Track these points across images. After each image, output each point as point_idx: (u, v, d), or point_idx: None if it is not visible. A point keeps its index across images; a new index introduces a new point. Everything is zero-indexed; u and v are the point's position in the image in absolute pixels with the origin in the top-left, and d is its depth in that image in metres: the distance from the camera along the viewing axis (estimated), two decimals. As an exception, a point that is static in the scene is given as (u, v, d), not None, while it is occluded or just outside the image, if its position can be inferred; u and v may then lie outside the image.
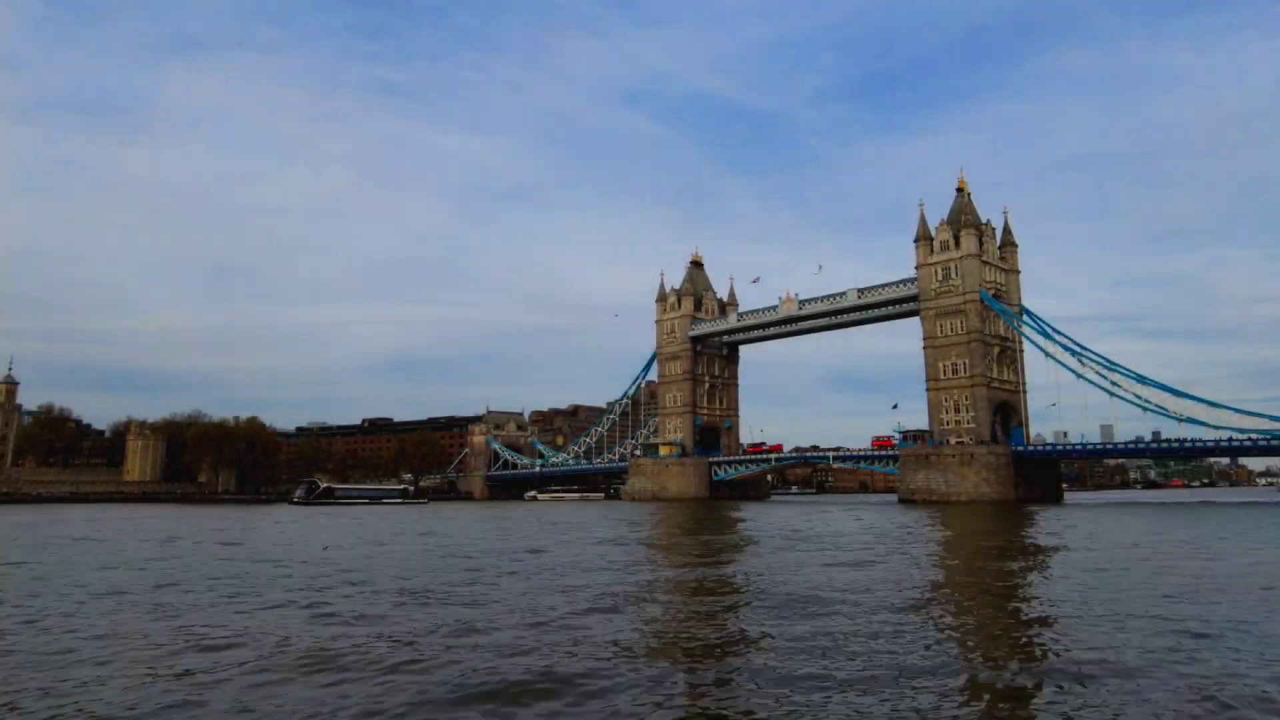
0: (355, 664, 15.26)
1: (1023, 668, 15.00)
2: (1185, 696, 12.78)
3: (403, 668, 14.98)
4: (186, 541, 50.91)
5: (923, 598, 23.76)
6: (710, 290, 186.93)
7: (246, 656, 15.98)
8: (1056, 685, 13.64)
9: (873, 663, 15.06)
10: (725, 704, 12.73)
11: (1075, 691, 13.17)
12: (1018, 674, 14.53)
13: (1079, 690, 13.23)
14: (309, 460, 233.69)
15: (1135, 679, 13.79)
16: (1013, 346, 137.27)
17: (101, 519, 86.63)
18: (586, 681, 13.81)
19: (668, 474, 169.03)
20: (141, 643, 17.51)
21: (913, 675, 14.11)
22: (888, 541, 46.69)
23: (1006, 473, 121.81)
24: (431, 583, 28.14)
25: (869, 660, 15.29)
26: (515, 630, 18.65)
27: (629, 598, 24.13)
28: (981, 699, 12.98)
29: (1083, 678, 13.90)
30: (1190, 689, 13.16)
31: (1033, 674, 14.54)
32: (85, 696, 13.10)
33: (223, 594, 25.43)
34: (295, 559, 38.15)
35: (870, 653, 15.89)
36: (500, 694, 13.21)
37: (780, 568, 32.36)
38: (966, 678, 14.27)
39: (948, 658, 15.76)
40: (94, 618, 20.80)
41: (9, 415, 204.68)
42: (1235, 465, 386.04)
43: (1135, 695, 12.87)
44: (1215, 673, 14.28)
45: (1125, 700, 12.63)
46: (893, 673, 14.27)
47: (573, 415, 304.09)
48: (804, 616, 20.07)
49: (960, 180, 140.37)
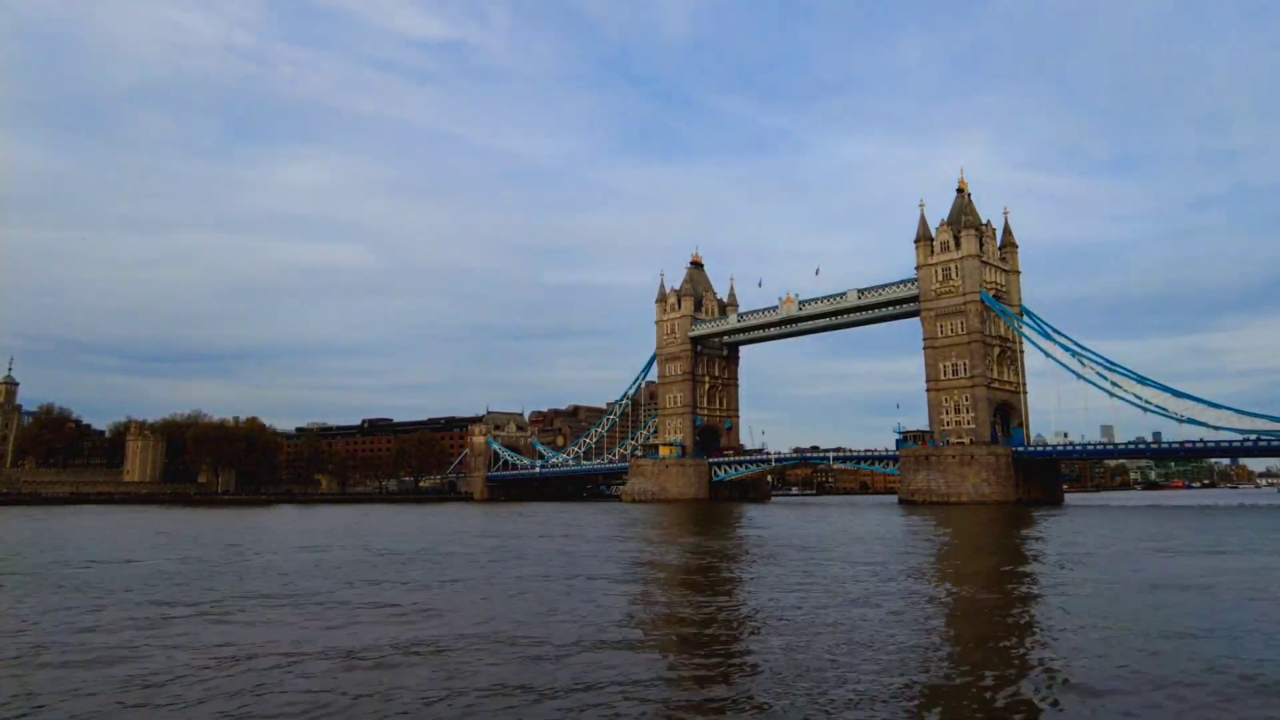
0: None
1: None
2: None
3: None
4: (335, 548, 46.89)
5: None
6: (710, 291, 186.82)
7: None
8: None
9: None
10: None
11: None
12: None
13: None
14: (309, 460, 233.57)
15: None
16: (1013, 347, 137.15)
17: (126, 522, 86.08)
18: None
19: (667, 475, 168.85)
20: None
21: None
22: (895, 555, 46.45)
23: (1006, 473, 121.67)
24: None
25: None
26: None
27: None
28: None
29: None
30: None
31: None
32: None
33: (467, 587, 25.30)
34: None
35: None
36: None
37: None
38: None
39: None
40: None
41: (9, 415, 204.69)
42: (1236, 466, 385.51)
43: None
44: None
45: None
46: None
47: (573, 416, 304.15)
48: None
49: (960, 181, 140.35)
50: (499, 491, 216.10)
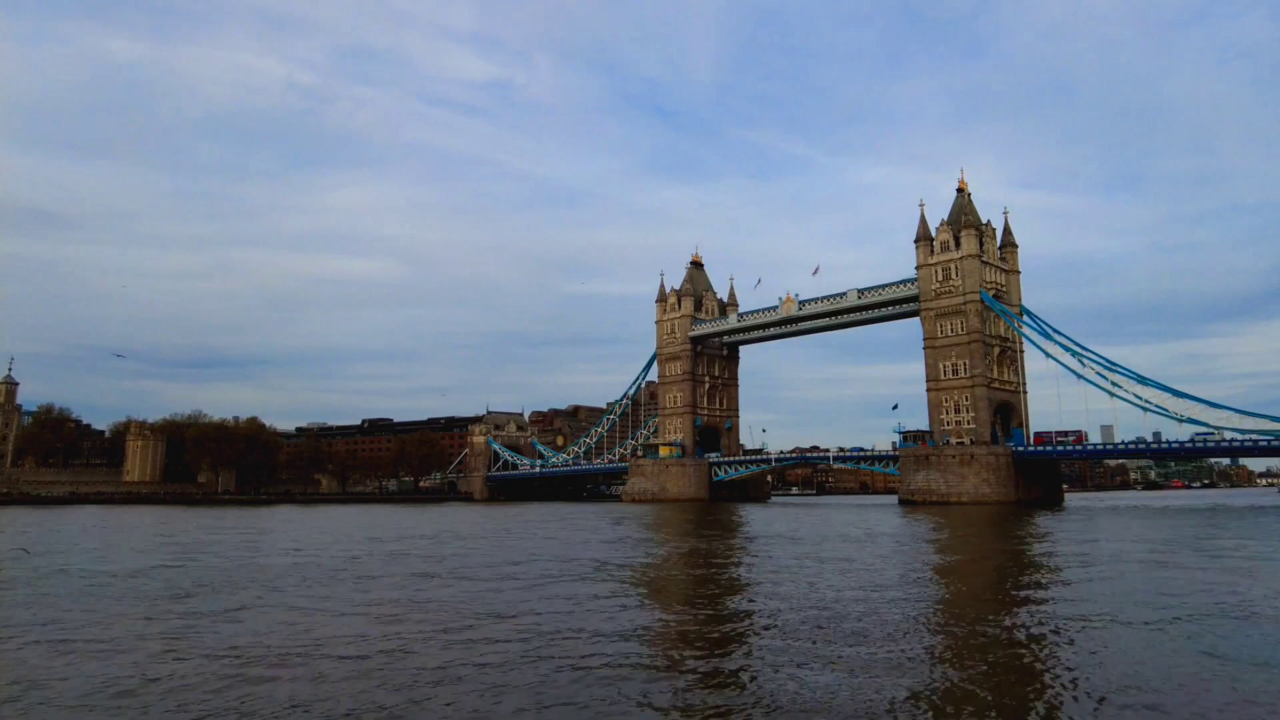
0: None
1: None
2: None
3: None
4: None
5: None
6: (710, 290, 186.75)
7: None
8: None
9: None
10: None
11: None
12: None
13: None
14: (309, 460, 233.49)
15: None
16: (1013, 347, 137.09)
17: (134, 522, 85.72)
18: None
19: (667, 475, 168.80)
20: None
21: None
22: (896, 563, 46.38)
23: (1006, 473, 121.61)
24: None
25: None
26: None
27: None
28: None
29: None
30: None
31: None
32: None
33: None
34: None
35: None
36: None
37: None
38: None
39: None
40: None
41: (9, 415, 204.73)
42: (1236, 466, 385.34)
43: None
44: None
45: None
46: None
47: (573, 416, 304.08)
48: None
49: (960, 181, 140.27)
50: (499, 492, 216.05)
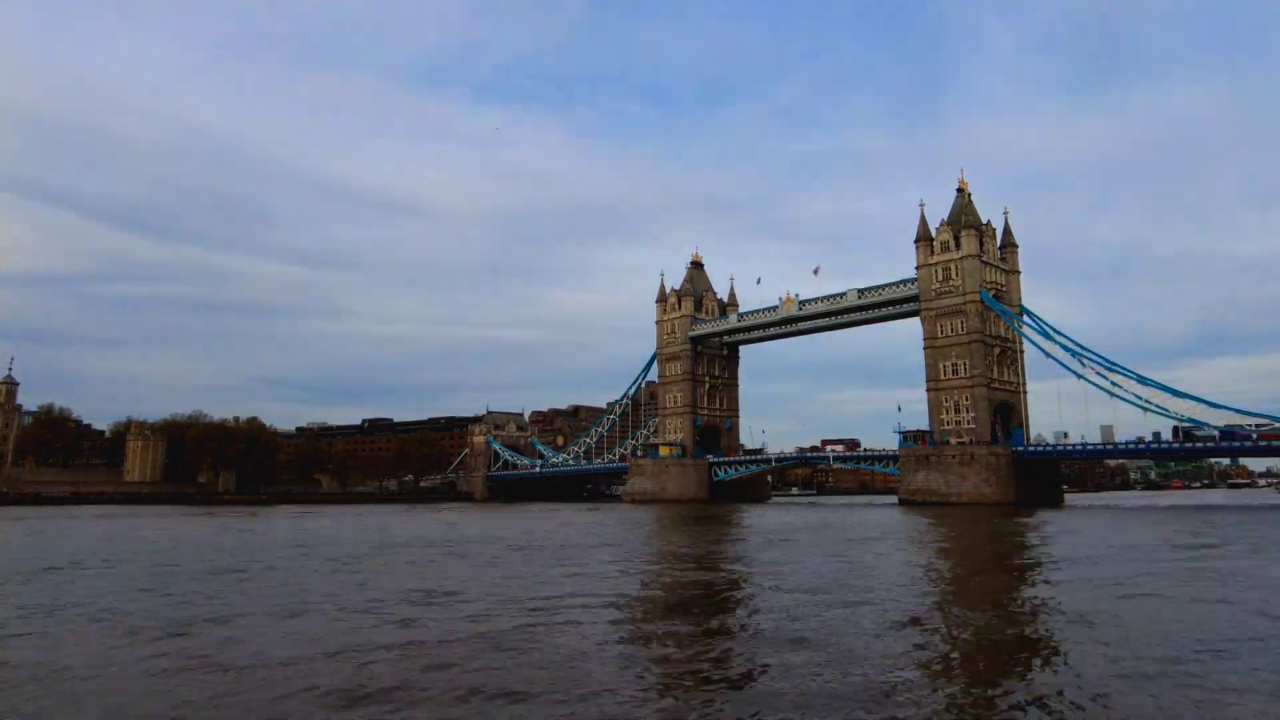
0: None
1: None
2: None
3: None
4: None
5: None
6: (710, 290, 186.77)
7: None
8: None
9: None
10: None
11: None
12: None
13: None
14: (309, 460, 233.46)
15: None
16: (1013, 347, 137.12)
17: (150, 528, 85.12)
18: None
19: (668, 475, 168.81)
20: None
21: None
22: (897, 563, 46.34)
23: (1006, 473, 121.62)
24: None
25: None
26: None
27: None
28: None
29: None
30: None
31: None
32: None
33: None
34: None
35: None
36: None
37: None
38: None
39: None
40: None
41: (9, 415, 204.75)
42: (1235, 465, 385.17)
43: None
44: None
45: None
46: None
47: (573, 415, 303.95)
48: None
49: (960, 181, 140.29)
50: (499, 491, 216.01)
